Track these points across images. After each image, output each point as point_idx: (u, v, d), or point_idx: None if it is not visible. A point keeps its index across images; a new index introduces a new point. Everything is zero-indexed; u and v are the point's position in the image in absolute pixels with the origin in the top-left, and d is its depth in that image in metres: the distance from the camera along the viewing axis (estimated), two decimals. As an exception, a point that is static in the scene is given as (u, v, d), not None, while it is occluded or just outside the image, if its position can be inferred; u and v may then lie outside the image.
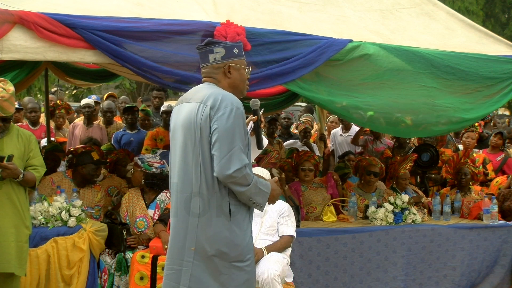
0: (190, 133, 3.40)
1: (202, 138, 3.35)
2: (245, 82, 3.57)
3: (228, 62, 3.50)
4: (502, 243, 6.17)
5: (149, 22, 4.83)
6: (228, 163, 3.25)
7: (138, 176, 5.66)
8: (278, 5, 5.67)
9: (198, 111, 3.36)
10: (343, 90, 5.49)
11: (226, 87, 3.49)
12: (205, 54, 3.53)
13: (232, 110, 3.30)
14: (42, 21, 4.46)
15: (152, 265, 4.97)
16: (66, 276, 4.96)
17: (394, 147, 8.15)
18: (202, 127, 3.33)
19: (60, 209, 5.08)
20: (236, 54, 3.52)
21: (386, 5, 6.25)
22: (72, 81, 8.83)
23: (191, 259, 3.38)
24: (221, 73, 3.51)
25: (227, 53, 3.50)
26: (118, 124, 9.13)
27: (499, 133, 8.28)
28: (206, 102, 3.35)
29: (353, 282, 5.66)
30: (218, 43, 3.54)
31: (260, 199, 3.39)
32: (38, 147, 4.77)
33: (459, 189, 6.81)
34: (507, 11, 20.07)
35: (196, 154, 3.37)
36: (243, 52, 3.59)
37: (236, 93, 3.49)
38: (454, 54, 5.76)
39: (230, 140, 3.27)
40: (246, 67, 3.57)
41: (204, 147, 3.34)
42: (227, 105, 3.30)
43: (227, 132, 3.28)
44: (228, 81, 3.51)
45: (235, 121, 3.30)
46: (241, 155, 3.28)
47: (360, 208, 6.24)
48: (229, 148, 3.27)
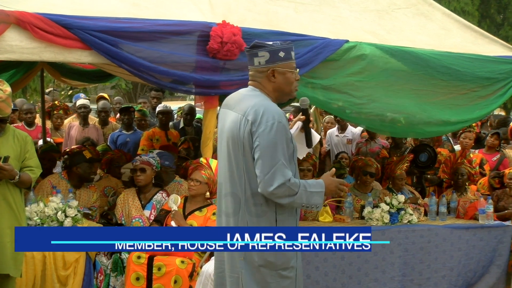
0: (235, 146, 3.41)
1: (245, 153, 3.36)
2: (291, 84, 3.49)
3: (272, 66, 3.44)
4: (497, 243, 6.18)
5: (145, 22, 4.83)
6: (271, 180, 3.26)
7: (149, 175, 5.66)
8: (274, 5, 5.67)
9: (240, 126, 3.36)
10: (339, 90, 5.49)
11: (271, 91, 3.48)
12: (250, 56, 3.50)
13: (273, 124, 3.28)
14: (38, 22, 4.45)
15: (148, 266, 4.95)
16: (62, 277, 4.95)
17: (391, 147, 8.16)
18: (245, 142, 3.34)
19: (56, 209, 5.06)
20: (282, 58, 3.44)
21: (382, 5, 6.25)
22: (68, 82, 8.84)
23: (241, 269, 3.41)
24: (265, 77, 3.47)
25: (272, 57, 3.43)
26: (114, 125, 9.13)
27: (496, 133, 8.29)
28: (247, 116, 3.34)
29: (352, 283, 5.65)
30: (263, 47, 3.46)
31: (314, 201, 3.39)
32: (34, 148, 4.76)
33: (455, 189, 6.82)
34: (502, 11, 20.11)
35: (240, 168, 3.39)
36: (291, 54, 3.48)
37: (282, 96, 3.51)
38: (450, 55, 5.77)
39: (272, 156, 3.27)
40: (293, 70, 3.48)
41: (248, 162, 3.36)
42: (268, 119, 3.29)
43: (269, 148, 3.27)
44: (273, 86, 3.47)
45: (277, 136, 3.28)
46: (283, 171, 3.27)
47: (356, 209, 6.25)
48: (271, 165, 3.26)
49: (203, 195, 5.30)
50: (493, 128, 9.92)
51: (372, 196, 6.18)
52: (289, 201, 3.32)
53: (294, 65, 3.51)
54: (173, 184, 6.11)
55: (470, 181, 7.14)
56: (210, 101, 5.22)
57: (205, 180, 5.23)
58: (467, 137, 7.93)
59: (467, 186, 6.99)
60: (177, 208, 5.22)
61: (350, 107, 5.58)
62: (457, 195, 6.71)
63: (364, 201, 6.21)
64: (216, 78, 5.03)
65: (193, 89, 5.16)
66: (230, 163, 3.45)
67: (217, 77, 5.03)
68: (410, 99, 5.69)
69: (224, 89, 5.12)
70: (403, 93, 5.67)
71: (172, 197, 5.30)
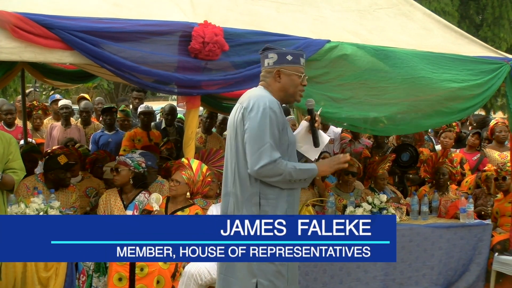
0: (231, 132, 3.66)
1: (237, 137, 3.58)
2: (296, 87, 3.67)
3: (279, 67, 3.63)
4: (477, 242, 6.24)
5: (127, 22, 4.81)
6: (258, 159, 3.44)
7: (125, 175, 5.62)
8: (256, 5, 5.67)
9: (236, 112, 3.63)
10: (320, 90, 5.50)
11: (276, 91, 3.65)
12: (262, 59, 3.72)
13: (264, 109, 3.47)
14: (17, 21, 4.41)
15: (131, 266, 4.94)
16: (43, 278, 4.92)
17: (373, 147, 8.19)
18: (237, 127, 3.58)
19: (38, 210, 5.02)
20: (289, 61, 3.64)
21: (364, 5, 6.27)
22: (50, 82, 8.76)
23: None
24: (271, 77, 3.66)
25: (279, 59, 3.64)
26: (96, 125, 9.08)
27: (477, 133, 8.37)
28: (243, 103, 3.58)
29: (333, 283, 5.67)
30: (272, 49, 3.68)
31: (302, 175, 3.55)
32: (18, 150, 4.66)
33: (437, 189, 6.87)
34: (481, 12, 20.27)
35: (232, 152, 3.61)
36: (300, 60, 3.68)
37: (287, 97, 3.69)
38: (431, 54, 5.81)
39: (261, 138, 3.45)
40: (299, 74, 3.66)
41: (238, 145, 3.57)
42: (260, 105, 3.49)
43: (256, 131, 3.46)
44: (278, 86, 3.65)
45: (265, 119, 3.46)
46: (271, 152, 3.44)
47: (339, 208, 6.27)
48: (259, 147, 3.45)
49: (184, 195, 5.29)
50: (473, 127, 10.00)
51: (354, 196, 6.21)
52: (275, 179, 3.48)
53: (302, 71, 3.69)
54: (155, 185, 6.10)
55: (452, 180, 7.20)
56: (192, 101, 5.21)
57: (185, 181, 5.21)
58: (447, 136, 7.99)
59: (448, 185, 7.04)
60: (158, 207, 5.20)
61: (331, 108, 5.58)
62: (439, 194, 6.76)
63: (346, 200, 6.23)
64: (198, 78, 5.02)
65: (175, 89, 5.15)
66: (227, 148, 3.70)
67: (199, 77, 5.02)
68: (392, 98, 5.72)
69: (206, 89, 5.12)
70: (385, 93, 5.69)
71: (153, 196, 5.28)
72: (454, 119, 6.81)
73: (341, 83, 5.53)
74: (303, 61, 3.71)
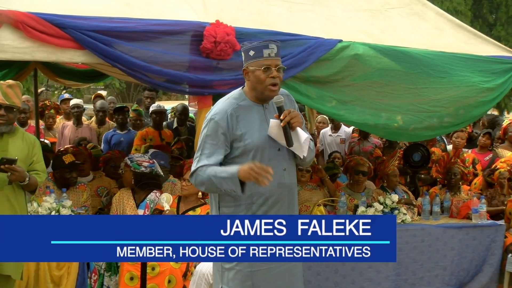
0: None
1: None
2: (262, 83, 3.41)
3: (245, 65, 3.48)
4: (490, 242, 6.20)
5: (139, 22, 4.82)
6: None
7: (128, 176, 5.64)
8: (267, 5, 5.67)
9: None
10: (332, 90, 5.49)
11: (249, 90, 3.51)
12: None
13: (206, 120, 3.47)
14: (30, 21, 4.43)
15: (142, 265, 4.96)
16: (55, 277, 4.94)
17: (385, 147, 8.16)
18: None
19: (50, 209, 5.05)
20: (252, 56, 3.42)
21: (376, 5, 6.26)
22: (62, 81, 8.82)
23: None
24: (245, 77, 3.53)
25: (245, 57, 3.48)
26: (111, 124, 9.10)
27: (488, 133, 8.31)
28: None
29: (345, 283, 5.65)
30: (242, 47, 3.51)
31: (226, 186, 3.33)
32: (41, 152, 4.65)
33: (448, 189, 6.84)
34: (494, 11, 20.17)
35: None
36: (263, 51, 3.41)
37: (260, 95, 3.47)
38: (443, 54, 5.78)
39: (198, 149, 3.48)
40: (262, 69, 3.39)
41: None
42: (207, 116, 3.48)
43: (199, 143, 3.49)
44: (249, 85, 3.50)
45: (203, 130, 3.46)
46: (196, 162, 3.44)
47: (350, 208, 6.25)
48: (194, 158, 3.49)
49: (195, 195, 5.29)
50: (485, 127, 9.94)
51: (365, 196, 6.19)
52: (205, 187, 3.44)
53: (268, 63, 3.40)
54: (167, 184, 6.11)
55: (464, 180, 7.15)
56: (204, 101, 5.21)
57: (196, 180, 5.21)
58: (459, 136, 7.94)
59: (460, 185, 7.01)
60: (169, 207, 5.21)
61: (343, 107, 5.57)
62: (451, 194, 6.72)
63: (358, 200, 6.21)
64: (210, 78, 5.03)
65: (187, 89, 5.16)
66: None
67: (210, 76, 5.03)
68: (405, 98, 5.69)
69: (218, 89, 5.12)
70: (397, 93, 5.67)
71: (163, 196, 5.29)
72: (465, 124, 6.78)
73: (352, 83, 5.51)
74: (268, 51, 3.40)
